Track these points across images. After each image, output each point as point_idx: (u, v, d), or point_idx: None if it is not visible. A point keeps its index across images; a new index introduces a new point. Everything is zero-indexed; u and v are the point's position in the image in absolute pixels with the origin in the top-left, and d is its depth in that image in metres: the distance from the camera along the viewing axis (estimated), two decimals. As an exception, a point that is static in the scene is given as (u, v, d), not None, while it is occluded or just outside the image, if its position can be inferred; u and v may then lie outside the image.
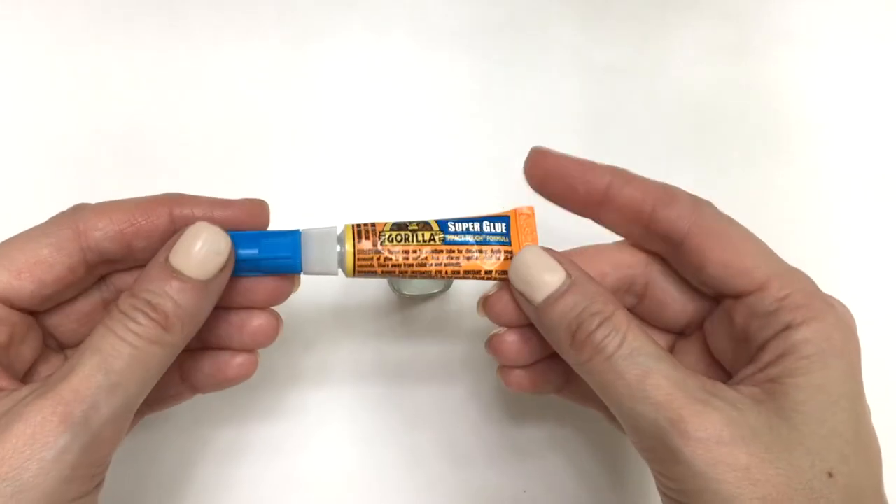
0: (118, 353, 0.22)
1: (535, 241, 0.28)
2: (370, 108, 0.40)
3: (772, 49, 0.43)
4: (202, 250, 0.24)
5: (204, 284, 0.24)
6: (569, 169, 0.26)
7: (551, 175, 0.27)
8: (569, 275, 0.24)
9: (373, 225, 0.27)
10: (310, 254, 0.26)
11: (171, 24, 0.41)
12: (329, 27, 0.41)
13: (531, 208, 0.28)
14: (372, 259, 0.26)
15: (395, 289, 0.36)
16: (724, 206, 0.40)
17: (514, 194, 0.39)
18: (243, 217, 0.26)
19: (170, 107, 0.39)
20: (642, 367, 0.22)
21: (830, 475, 0.20)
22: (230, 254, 0.24)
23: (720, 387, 0.22)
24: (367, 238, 0.26)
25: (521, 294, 0.25)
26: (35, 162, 0.38)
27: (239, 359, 0.28)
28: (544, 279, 0.24)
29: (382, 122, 0.40)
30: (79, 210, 0.25)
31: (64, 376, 0.22)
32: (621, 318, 0.23)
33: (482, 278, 0.27)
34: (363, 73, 0.41)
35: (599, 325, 0.23)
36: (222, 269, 0.24)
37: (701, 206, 0.26)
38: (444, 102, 0.41)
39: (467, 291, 0.37)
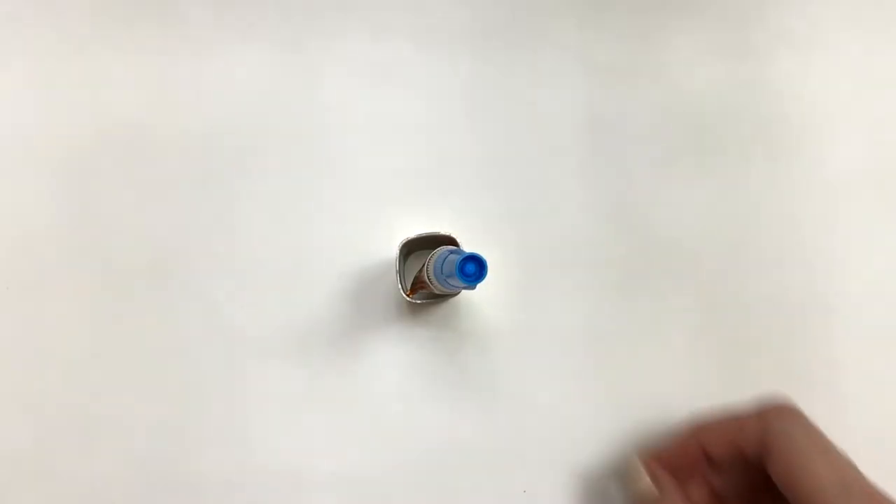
0: None
1: None
2: (370, 108, 0.40)
3: (772, 49, 0.43)
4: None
5: None
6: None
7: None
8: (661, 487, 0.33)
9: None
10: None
11: (171, 26, 0.41)
12: (329, 28, 0.41)
13: None
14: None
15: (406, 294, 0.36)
16: (724, 205, 0.41)
17: (514, 194, 0.39)
18: None
19: (169, 108, 0.39)
20: None
21: None
22: None
23: None
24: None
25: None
26: (35, 162, 0.38)
27: None
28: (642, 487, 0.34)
29: (382, 123, 0.40)
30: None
31: None
32: None
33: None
34: (363, 74, 0.41)
35: None
36: None
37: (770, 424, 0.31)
38: (443, 103, 0.41)
39: (471, 297, 0.37)
